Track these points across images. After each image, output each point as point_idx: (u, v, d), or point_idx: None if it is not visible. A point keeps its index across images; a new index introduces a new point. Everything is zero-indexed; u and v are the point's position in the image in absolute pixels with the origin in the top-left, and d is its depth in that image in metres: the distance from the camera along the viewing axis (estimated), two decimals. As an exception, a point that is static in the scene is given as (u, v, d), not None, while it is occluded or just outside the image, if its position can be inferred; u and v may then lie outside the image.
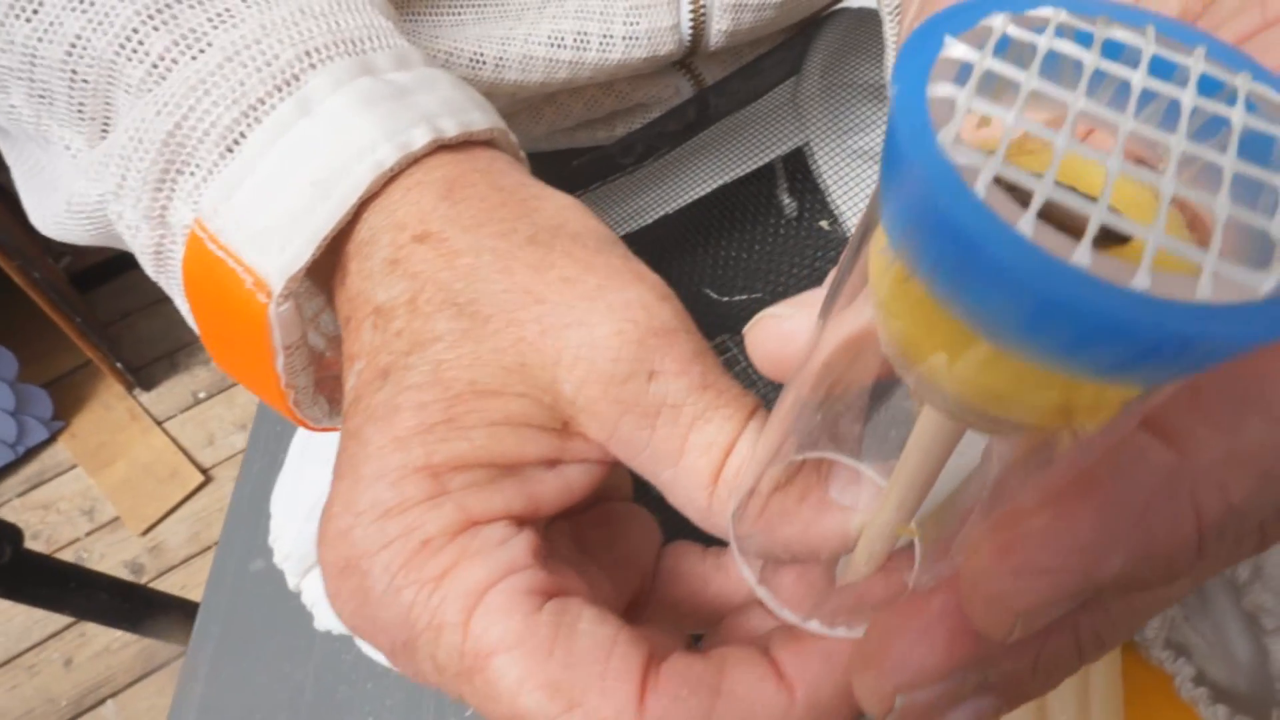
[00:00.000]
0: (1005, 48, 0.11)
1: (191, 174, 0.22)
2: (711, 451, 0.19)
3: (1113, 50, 0.11)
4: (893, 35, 0.28)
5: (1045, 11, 0.11)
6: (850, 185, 0.41)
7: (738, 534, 0.19)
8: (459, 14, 0.36)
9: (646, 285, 0.20)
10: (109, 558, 1.41)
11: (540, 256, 0.20)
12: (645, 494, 0.22)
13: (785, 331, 0.18)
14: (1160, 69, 0.11)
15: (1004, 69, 0.10)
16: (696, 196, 0.43)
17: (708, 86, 0.39)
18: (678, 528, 0.22)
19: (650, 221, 0.42)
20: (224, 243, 0.21)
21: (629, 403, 0.18)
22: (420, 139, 0.21)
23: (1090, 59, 0.11)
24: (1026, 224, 0.09)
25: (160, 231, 0.23)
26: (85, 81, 0.23)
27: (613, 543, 0.22)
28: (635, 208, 0.44)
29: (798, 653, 0.17)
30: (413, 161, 0.22)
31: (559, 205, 0.22)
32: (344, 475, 0.19)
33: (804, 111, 0.40)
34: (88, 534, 1.43)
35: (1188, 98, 0.10)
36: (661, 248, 0.43)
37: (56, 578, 0.60)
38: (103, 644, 1.31)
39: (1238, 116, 0.10)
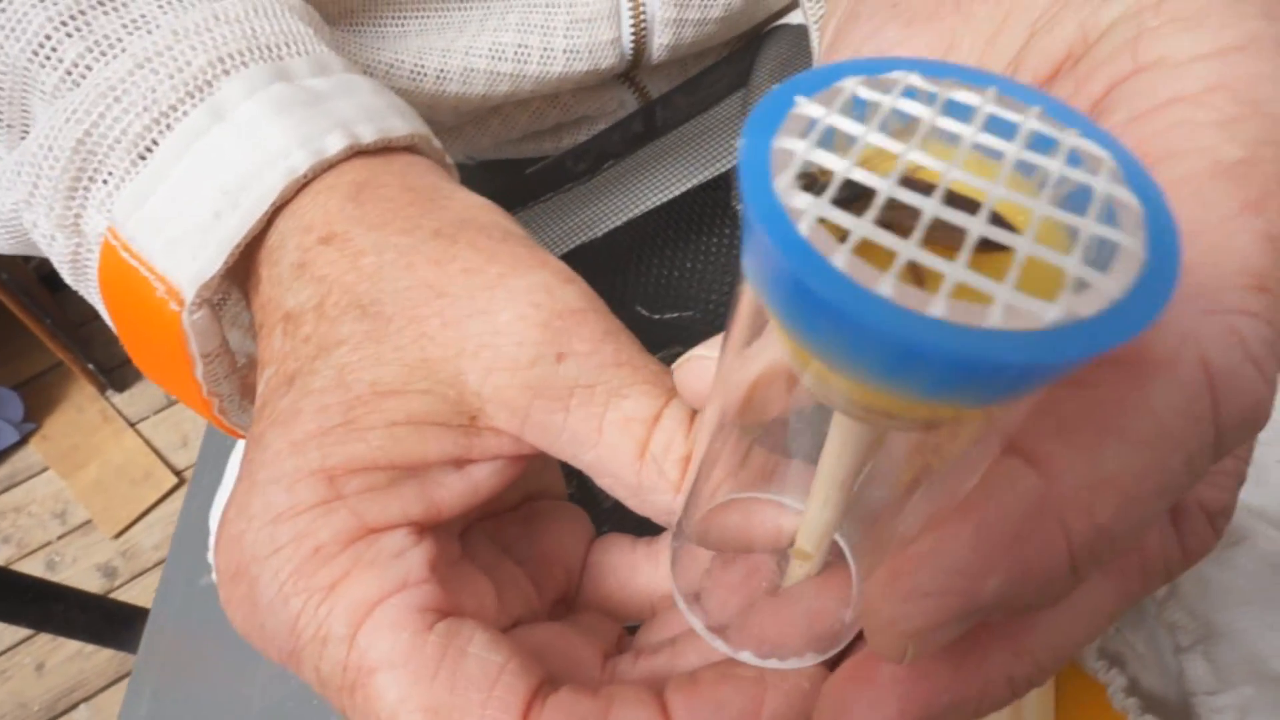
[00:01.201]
0: (857, 107, 0.12)
1: (104, 182, 0.22)
2: (633, 427, 0.18)
3: (955, 109, 0.12)
4: (815, 19, 0.28)
5: (896, 75, 0.12)
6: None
7: (673, 553, 0.19)
8: (402, 24, 0.36)
9: (550, 270, 0.19)
10: (81, 561, 1.40)
11: (443, 249, 0.19)
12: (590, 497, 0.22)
13: (709, 372, 0.18)
14: (996, 126, 0.11)
15: (845, 124, 0.11)
16: (650, 206, 0.43)
17: (654, 100, 0.39)
18: (625, 526, 0.22)
19: (603, 233, 0.42)
20: (136, 250, 0.21)
21: (538, 387, 0.18)
22: (335, 145, 0.21)
23: (929, 115, 0.11)
24: (840, 257, 0.10)
25: (76, 240, 0.23)
26: (1, 89, 0.23)
27: (536, 540, 0.22)
28: (588, 218, 0.44)
29: (691, 700, 0.17)
30: (327, 168, 0.21)
31: (468, 203, 0.21)
32: (241, 479, 0.18)
33: (749, 123, 0.40)
34: (59, 537, 1.42)
35: (1013, 150, 0.11)
36: (612, 259, 0.43)
37: (13, 590, 0.59)
38: (75, 648, 1.30)
39: (1056, 166, 0.11)
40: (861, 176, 0.11)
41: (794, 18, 0.35)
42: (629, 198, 0.44)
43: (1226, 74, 0.14)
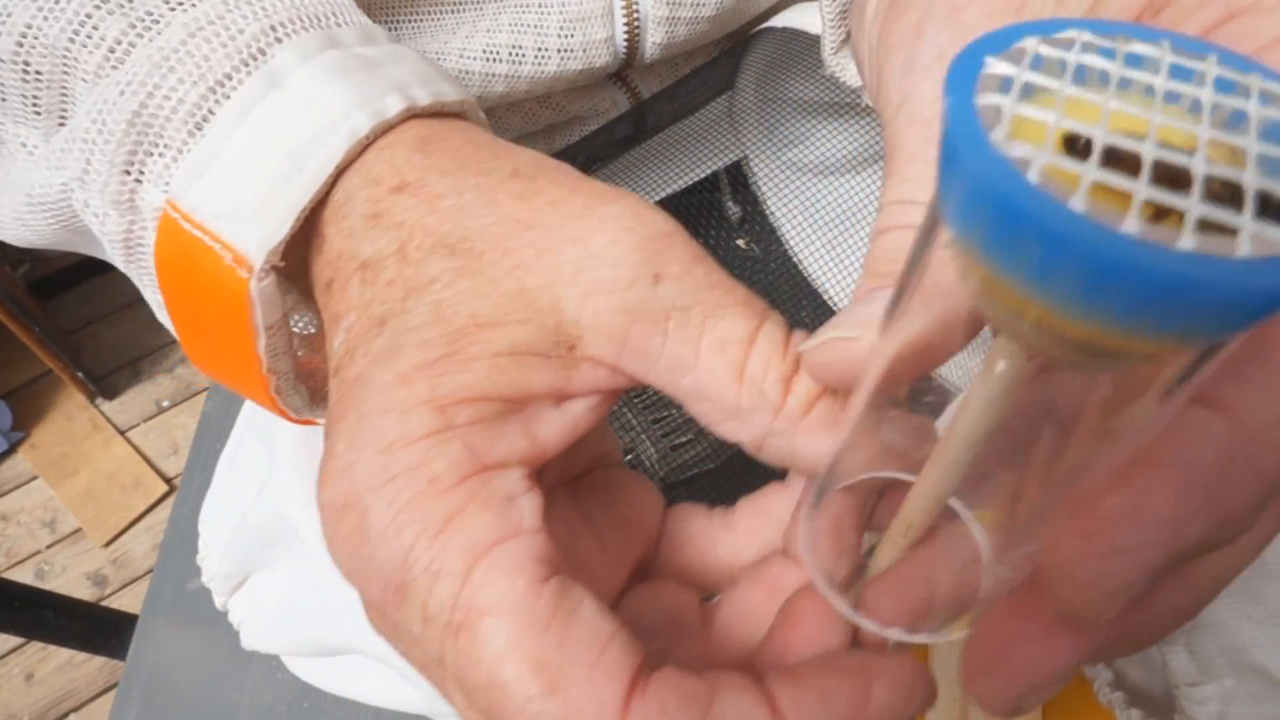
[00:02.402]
0: (1040, 64, 0.12)
1: (160, 155, 0.21)
2: (729, 349, 0.18)
3: (1136, 61, 0.12)
4: (831, 12, 0.28)
5: (1071, 33, 0.12)
6: (787, 198, 0.41)
7: (810, 544, 0.19)
8: (395, 28, 0.36)
9: (634, 199, 0.19)
10: (71, 570, 1.38)
11: (524, 186, 0.19)
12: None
13: (855, 352, 0.17)
14: (1180, 74, 0.12)
15: (1041, 79, 0.12)
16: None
17: (644, 100, 0.39)
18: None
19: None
20: (199, 220, 0.21)
21: (636, 310, 0.18)
22: (394, 107, 0.21)
23: (1116, 69, 0.12)
24: (1079, 201, 0.10)
25: (130, 217, 0.23)
26: (39, 74, 0.23)
27: (614, 508, 0.22)
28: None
29: (795, 690, 0.17)
30: (385, 130, 0.21)
31: (533, 152, 0.21)
32: (345, 416, 0.18)
33: (740, 126, 0.40)
34: (49, 546, 1.41)
35: (1205, 94, 0.12)
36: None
37: (2, 598, 0.59)
38: (65, 658, 1.29)
39: (1254, 108, 0.11)
40: (1074, 125, 0.11)
41: (777, 21, 0.35)
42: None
43: None
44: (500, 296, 0.18)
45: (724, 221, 0.45)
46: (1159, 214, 0.10)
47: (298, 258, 0.22)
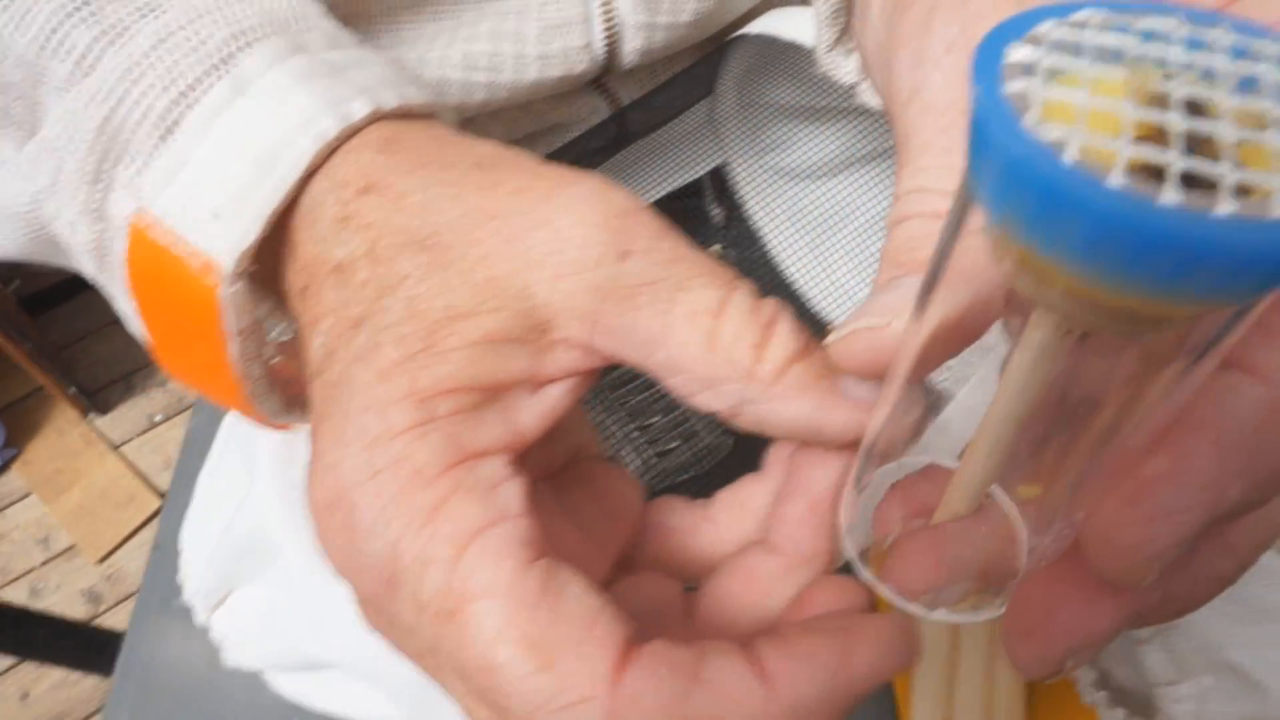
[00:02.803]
0: (1059, 47, 0.13)
1: (129, 162, 0.22)
2: (699, 319, 0.18)
3: (1148, 36, 0.13)
4: (826, 11, 0.29)
5: (1085, 14, 0.13)
6: (769, 202, 0.41)
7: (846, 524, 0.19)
8: (375, 39, 0.36)
9: (595, 179, 0.20)
10: (65, 587, 1.38)
11: (488, 177, 0.20)
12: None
13: (882, 341, 0.18)
14: (1195, 45, 0.12)
15: (1062, 61, 0.12)
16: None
17: (625, 106, 0.39)
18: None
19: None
20: (168, 227, 0.21)
21: (605, 288, 0.18)
22: (360, 110, 0.21)
23: (1132, 44, 0.12)
24: (1118, 177, 0.10)
25: (100, 226, 0.23)
26: (9, 85, 0.23)
27: (596, 501, 0.22)
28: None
29: (783, 652, 0.17)
30: (353, 133, 0.21)
31: (497, 144, 0.22)
32: (329, 415, 0.18)
33: (721, 131, 0.40)
34: (43, 563, 1.40)
35: (1220, 63, 0.12)
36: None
37: (-10, 615, 0.59)
38: (60, 676, 1.28)
39: (1268, 72, 0.12)
40: (1101, 103, 0.11)
41: (754, 27, 0.35)
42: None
43: None
44: (472, 287, 0.18)
45: (708, 227, 0.45)
46: (1189, 181, 0.11)
47: (270, 266, 0.22)
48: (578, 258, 0.18)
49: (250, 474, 0.31)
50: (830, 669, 0.17)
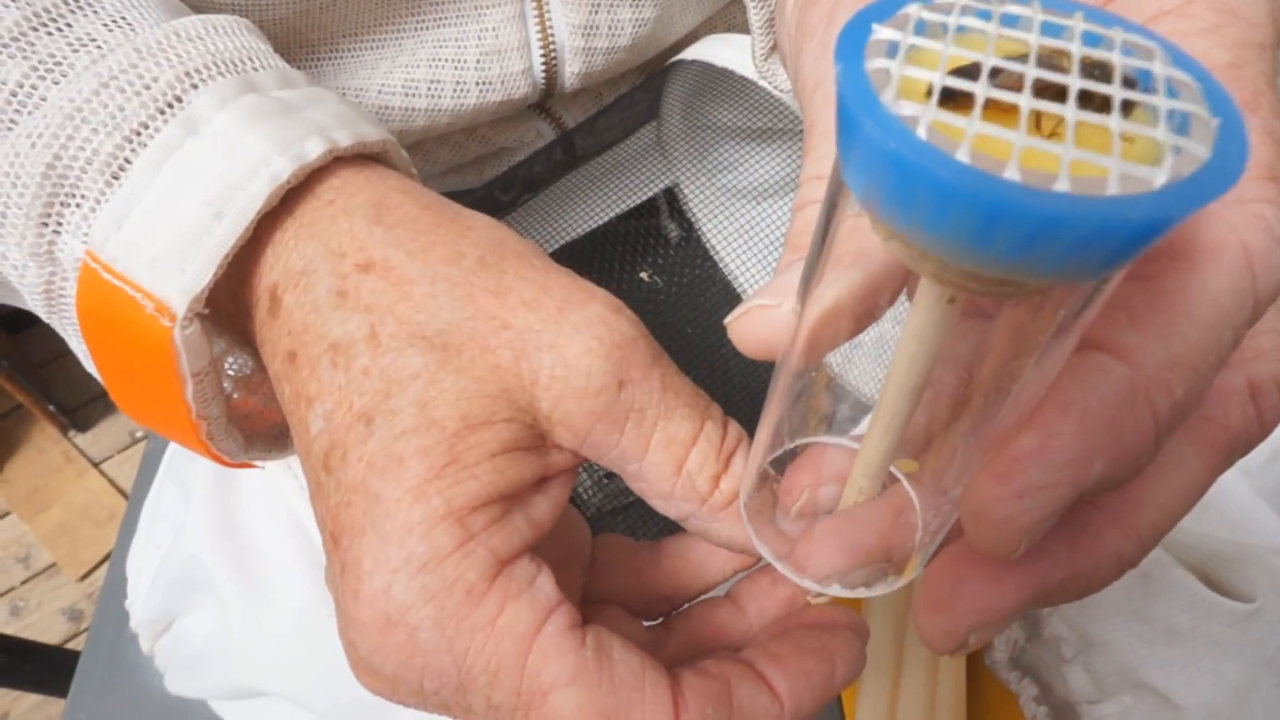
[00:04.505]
0: (923, 28, 0.13)
1: (78, 205, 0.21)
2: (674, 447, 0.21)
3: (1010, 20, 0.13)
4: (758, 19, 0.30)
5: None
6: (722, 222, 0.42)
7: (750, 514, 0.21)
8: (316, 66, 0.36)
9: (600, 301, 0.21)
10: (46, 606, 1.37)
11: (496, 281, 0.21)
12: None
13: (774, 319, 0.19)
14: (1051, 30, 0.13)
15: (924, 43, 0.13)
16: (578, 235, 0.44)
17: (570, 129, 0.39)
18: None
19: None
20: (119, 271, 0.21)
21: (600, 413, 0.20)
22: (315, 150, 0.21)
23: (993, 28, 0.13)
24: (964, 153, 0.11)
25: (50, 269, 0.22)
26: None
27: (558, 541, 0.23)
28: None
29: (785, 673, 0.20)
30: (309, 175, 0.21)
31: (487, 223, 0.22)
32: (364, 532, 0.19)
33: (670, 153, 0.41)
34: (23, 582, 1.39)
35: (1074, 47, 0.13)
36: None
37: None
38: (39, 697, 1.27)
39: (1116, 58, 0.13)
40: (955, 83, 0.12)
41: (689, 54, 0.36)
42: (556, 227, 0.44)
43: None
44: (485, 398, 0.19)
45: (664, 245, 0.45)
46: (1034, 160, 0.11)
47: (226, 307, 0.22)
48: (582, 386, 0.20)
49: (186, 503, 0.31)
50: (821, 683, 0.20)
